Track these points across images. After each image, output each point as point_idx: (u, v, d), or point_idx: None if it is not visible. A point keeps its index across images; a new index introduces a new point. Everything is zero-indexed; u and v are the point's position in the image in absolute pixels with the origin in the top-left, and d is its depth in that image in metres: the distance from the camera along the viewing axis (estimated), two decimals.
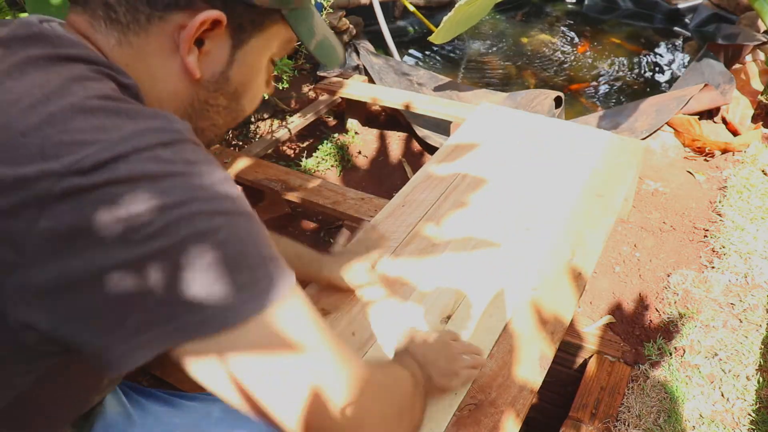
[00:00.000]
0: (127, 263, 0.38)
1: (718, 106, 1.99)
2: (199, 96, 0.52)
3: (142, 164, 0.39)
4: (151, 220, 0.38)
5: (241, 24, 0.50)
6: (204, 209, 0.40)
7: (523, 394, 0.86)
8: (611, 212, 1.22)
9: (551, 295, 1.03)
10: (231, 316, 0.40)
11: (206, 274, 0.39)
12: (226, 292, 0.40)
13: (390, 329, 0.96)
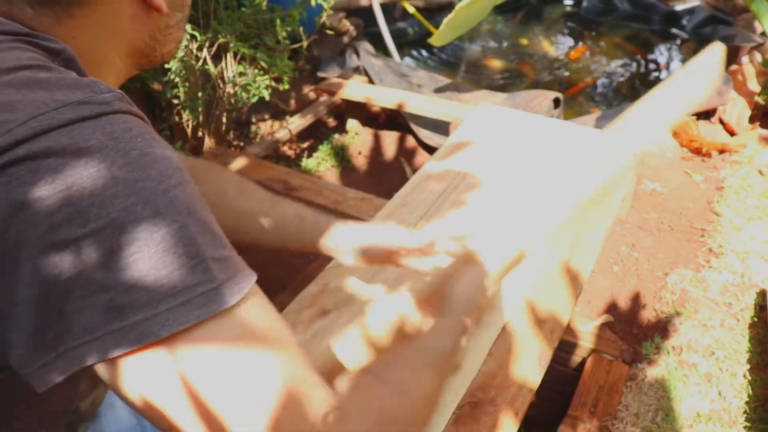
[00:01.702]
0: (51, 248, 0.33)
1: (716, 107, 2.00)
2: (159, 25, 0.51)
3: (65, 140, 0.34)
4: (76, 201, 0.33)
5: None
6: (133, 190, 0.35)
7: (522, 392, 0.87)
8: (609, 212, 1.23)
9: (550, 294, 1.04)
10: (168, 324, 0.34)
11: (141, 270, 0.34)
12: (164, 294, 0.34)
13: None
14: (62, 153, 0.34)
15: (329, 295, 1.04)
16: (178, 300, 0.34)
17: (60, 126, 0.35)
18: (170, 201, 0.36)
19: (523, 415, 0.84)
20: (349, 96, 2.18)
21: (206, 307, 0.35)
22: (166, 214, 0.35)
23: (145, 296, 0.34)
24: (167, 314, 0.34)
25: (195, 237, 0.36)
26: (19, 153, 0.34)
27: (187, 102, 1.63)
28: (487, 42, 3.18)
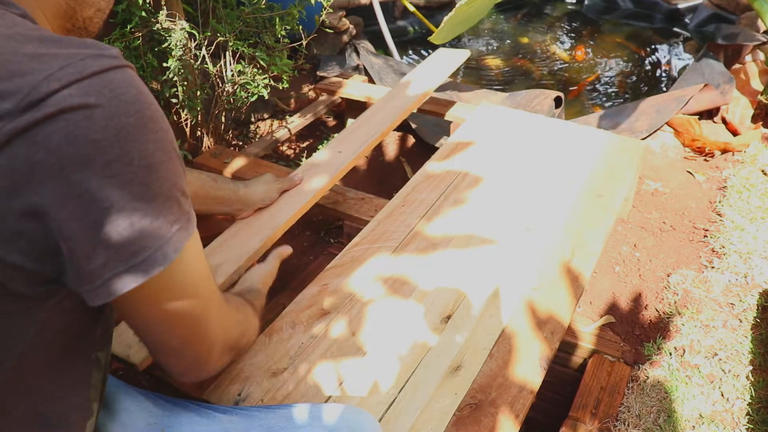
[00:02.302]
0: (88, 194, 0.40)
1: (718, 106, 1.99)
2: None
3: (94, 90, 0.40)
4: (108, 148, 0.41)
5: None
6: (151, 140, 0.43)
7: (523, 394, 0.86)
8: (611, 212, 1.22)
9: (551, 295, 1.03)
10: (170, 253, 0.45)
11: (153, 205, 0.44)
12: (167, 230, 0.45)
13: (390, 329, 0.96)
14: (103, 103, 0.41)
15: (329, 295, 1.03)
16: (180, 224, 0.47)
17: (92, 74, 0.41)
18: (175, 149, 0.47)
19: (524, 416, 0.84)
20: (349, 95, 2.17)
21: (188, 230, 0.48)
22: (175, 161, 0.46)
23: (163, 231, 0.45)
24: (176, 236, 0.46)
25: (182, 179, 0.48)
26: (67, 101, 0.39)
27: (186, 101, 1.62)
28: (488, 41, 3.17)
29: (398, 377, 0.87)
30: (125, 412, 0.64)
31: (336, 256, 1.13)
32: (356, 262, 1.11)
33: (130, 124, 0.42)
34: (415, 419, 0.82)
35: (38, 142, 0.39)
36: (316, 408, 0.67)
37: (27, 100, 0.38)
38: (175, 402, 0.70)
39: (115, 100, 0.41)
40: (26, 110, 0.38)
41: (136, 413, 0.65)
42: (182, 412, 0.68)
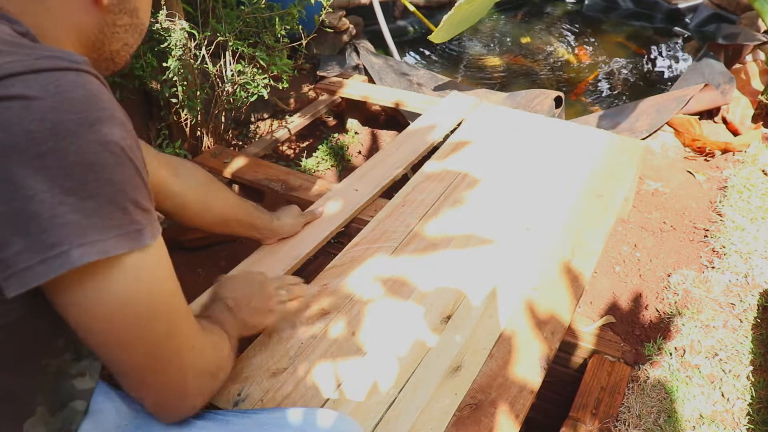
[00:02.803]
0: (13, 181, 0.40)
1: (719, 106, 1.99)
2: (106, 21, 0.55)
3: (37, 84, 0.41)
4: (41, 140, 0.41)
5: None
6: (91, 141, 0.43)
7: (523, 394, 0.86)
8: (611, 212, 1.22)
9: (551, 295, 1.03)
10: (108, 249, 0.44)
11: (80, 209, 0.42)
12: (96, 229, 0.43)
13: (390, 329, 0.96)
14: (45, 96, 0.41)
15: (329, 295, 1.03)
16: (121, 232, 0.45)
17: (44, 69, 0.42)
18: (128, 157, 0.46)
19: (524, 416, 0.84)
20: (349, 95, 2.16)
21: (133, 241, 0.47)
22: (127, 169, 0.46)
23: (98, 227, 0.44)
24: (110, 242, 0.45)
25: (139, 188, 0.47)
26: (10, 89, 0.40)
27: (186, 101, 1.62)
28: (488, 40, 3.17)
29: (398, 377, 0.87)
30: (100, 413, 0.63)
31: (336, 256, 1.13)
32: (356, 262, 1.10)
33: (71, 120, 0.42)
34: (415, 419, 0.81)
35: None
36: (296, 413, 0.66)
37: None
38: None
39: (59, 96, 0.42)
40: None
41: (110, 414, 0.64)
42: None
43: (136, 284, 0.48)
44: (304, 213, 1.20)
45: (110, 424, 0.63)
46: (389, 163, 1.41)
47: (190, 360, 0.56)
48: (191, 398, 0.58)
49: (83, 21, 0.53)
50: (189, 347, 0.56)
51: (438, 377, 0.87)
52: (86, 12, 0.53)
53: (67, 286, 0.45)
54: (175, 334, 0.53)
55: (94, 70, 0.46)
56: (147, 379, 0.53)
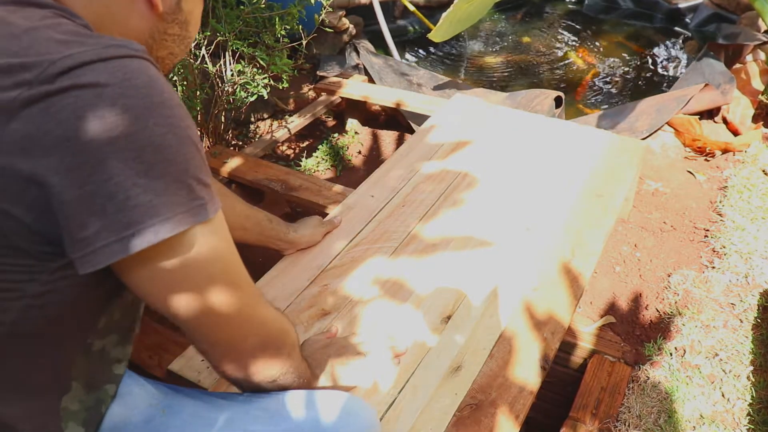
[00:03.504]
0: (85, 167, 0.43)
1: (719, 105, 1.99)
2: (158, 28, 0.58)
3: (107, 72, 0.44)
4: (114, 125, 0.43)
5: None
6: (160, 125, 0.45)
7: (523, 394, 0.86)
8: (611, 212, 1.22)
9: (551, 295, 1.02)
10: (167, 230, 0.46)
11: (151, 189, 0.45)
12: (167, 208, 0.46)
13: (390, 329, 0.96)
14: (114, 84, 0.44)
15: (329, 296, 1.03)
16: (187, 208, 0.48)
17: (112, 57, 0.45)
18: (189, 137, 0.48)
19: (524, 417, 0.83)
20: (349, 95, 2.16)
21: (197, 215, 0.49)
22: (189, 147, 0.48)
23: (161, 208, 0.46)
24: (179, 218, 0.47)
25: (200, 166, 0.49)
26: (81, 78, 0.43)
27: (185, 101, 1.62)
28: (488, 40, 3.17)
29: (398, 377, 0.87)
30: (129, 395, 0.66)
31: (337, 256, 1.13)
32: (356, 262, 1.10)
33: (139, 106, 0.44)
34: (415, 419, 0.81)
35: (50, 113, 0.42)
36: (311, 393, 0.68)
37: (45, 73, 0.43)
38: (176, 388, 0.72)
39: (126, 83, 0.44)
40: (43, 83, 0.42)
41: (140, 396, 0.67)
42: (183, 397, 0.70)
43: (201, 254, 0.51)
44: (324, 222, 1.19)
45: (141, 404, 0.66)
46: (402, 168, 1.40)
47: (251, 323, 0.59)
48: (251, 357, 0.61)
49: (138, 24, 0.56)
50: (253, 306, 0.59)
51: (438, 377, 0.87)
52: (142, 16, 0.56)
53: (139, 263, 0.48)
54: (236, 297, 0.56)
55: (150, 57, 0.48)
56: (211, 338, 0.57)
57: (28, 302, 0.49)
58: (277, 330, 0.63)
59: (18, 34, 0.45)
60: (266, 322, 0.61)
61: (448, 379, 0.87)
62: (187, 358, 0.93)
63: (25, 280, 0.49)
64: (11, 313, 0.49)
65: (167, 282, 0.51)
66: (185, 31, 0.62)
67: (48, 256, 0.48)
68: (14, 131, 0.43)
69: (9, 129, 0.43)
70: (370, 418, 0.69)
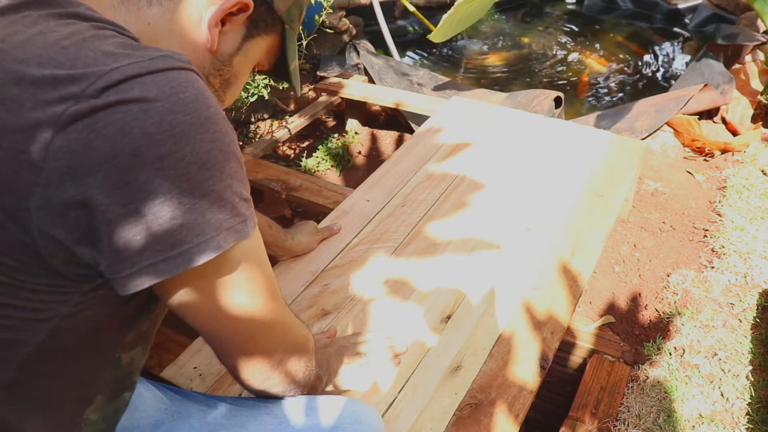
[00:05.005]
0: (135, 183, 0.42)
1: (718, 106, 1.99)
2: (204, 69, 0.57)
3: (155, 86, 0.43)
4: (161, 142, 0.42)
5: (256, 20, 0.58)
6: (206, 141, 0.44)
7: (523, 394, 0.86)
8: (611, 212, 1.22)
9: (551, 295, 1.03)
10: (212, 248, 0.45)
11: (197, 207, 0.44)
12: (212, 226, 0.45)
13: (390, 329, 0.96)
14: (162, 97, 0.43)
15: (329, 296, 1.03)
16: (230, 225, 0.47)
17: (159, 70, 0.44)
18: (233, 152, 0.47)
19: (523, 416, 0.84)
20: (349, 95, 2.17)
21: (239, 232, 0.48)
22: (232, 163, 0.47)
23: (207, 226, 0.45)
24: (222, 236, 0.46)
25: (242, 181, 0.48)
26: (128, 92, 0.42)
27: None
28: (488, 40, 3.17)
29: (398, 377, 0.87)
30: (138, 398, 0.66)
31: (337, 256, 1.13)
32: (356, 262, 1.11)
33: (186, 122, 0.43)
34: (415, 419, 0.82)
35: (97, 129, 0.41)
36: (316, 399, 0.68)
37: (92, 87, 0.41)
38: (184, 393, 0.72)
39: (174, 97, 0.43)
40: (90, 97, 0.41)
41: (149, 400, 0.67)
42: (191, 402, 0.70)
43: (244, 270, 0.50)
44: (320, 229, 1.18)
45: (150, 407, 0.66)
46: (399, 171, 1.40)
47: (285, 328, 0.59)
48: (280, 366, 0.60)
49: (189, 56, 0.54)
50: (284, 315, 0.59)
51: (438, 377, 0.88)
52: (195, 48, 0.55)
53: (183, 282, 0.48)
54: (275, 306, 0.56)
55: (195, 68, 0.48)
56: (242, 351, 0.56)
57: (57, 323, 0.49)
58: (302, 337, 0.63)
59: (66, 45, 0.44)
60: (293, 330, 0.61)
61: (447, 378, 0.87)
62: (179, 366, 0.92)
63: (57, 301, 0.48)
64: (41, 333, 0.48)
65: (209, 300, 0.50)
66: (222, 90, 0.60)
67: (83, 277, 0.47)
68: (59, 148, 0.41)
69: (54, 146, 0.41)
70: (377, 425, 0.69)
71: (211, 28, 0.54)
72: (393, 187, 1.33)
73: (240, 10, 0.55)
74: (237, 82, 0.61)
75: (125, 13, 0.52)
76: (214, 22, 0.54)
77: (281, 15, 0.60)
